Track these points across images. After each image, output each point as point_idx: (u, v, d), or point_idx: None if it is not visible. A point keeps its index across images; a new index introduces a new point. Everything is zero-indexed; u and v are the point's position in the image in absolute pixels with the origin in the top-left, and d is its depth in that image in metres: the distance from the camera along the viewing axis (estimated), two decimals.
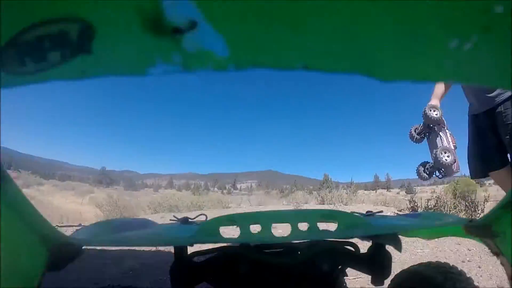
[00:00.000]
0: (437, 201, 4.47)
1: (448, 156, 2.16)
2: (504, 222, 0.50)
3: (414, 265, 0.80)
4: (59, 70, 0.28)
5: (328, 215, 0.79)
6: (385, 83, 0.24)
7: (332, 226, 0.78)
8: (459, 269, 0.70)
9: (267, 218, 0.78)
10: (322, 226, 0.78)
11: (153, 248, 2.32)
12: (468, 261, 2.03)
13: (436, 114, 2.24)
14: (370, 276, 0.80)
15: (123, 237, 0.67)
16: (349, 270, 0.88)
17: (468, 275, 0.67)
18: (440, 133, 2.28)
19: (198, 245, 1.13)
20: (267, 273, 0.78)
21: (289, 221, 0.78)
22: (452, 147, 2.24)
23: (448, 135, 2.28)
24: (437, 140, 2.27)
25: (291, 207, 6.34)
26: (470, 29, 0.23)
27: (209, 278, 0.80)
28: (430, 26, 0.23)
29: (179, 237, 0.73)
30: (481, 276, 1.77)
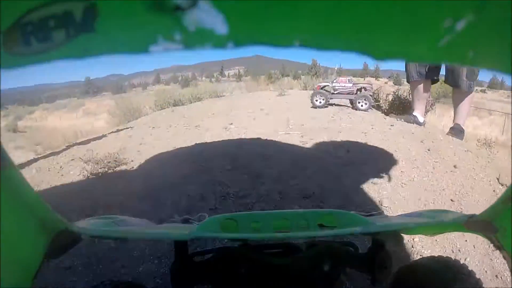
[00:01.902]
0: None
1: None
2: (504, 217, 0.50)
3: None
4: (63, 50, 0.29)
5: (328, 215, 0.79)
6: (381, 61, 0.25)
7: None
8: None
9: (267, 217, 0.78)
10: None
11: None
12: None
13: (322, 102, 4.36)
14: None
15: (124, 230, 0.67)
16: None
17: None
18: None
19: (198, 245, 1.15)
20: (266, 273, 0.77)
21: (289, 220, 0.78)
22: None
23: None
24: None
25: (277, 93, 7.17)
26: (463, 8, 0.24)
27: (210, 278, 0.80)
28: (425, 4, 0.23)
29: (179, 233, 0.73)
30: None
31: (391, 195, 1.76)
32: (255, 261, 0.76)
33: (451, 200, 1.70)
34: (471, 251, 1.25)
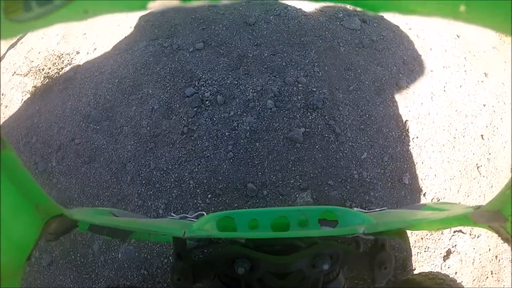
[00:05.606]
0: None
1: None
2: None
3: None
4: (63, 12, 0.29)
5: (329, 212, 0.78)
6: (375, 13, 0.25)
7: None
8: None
9: (266, 215, 0.77)
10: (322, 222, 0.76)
11: None
12: None
13: None
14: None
15: (120, 221, 0.65)
16: None
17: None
18: None
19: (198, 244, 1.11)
20: (266, 272, 0.75)
21: (289, 218, 0.76)
22: None
23: None
24: None
25: None
26: None
27: (210, 276, 0.77)
28: None
29: (177, 228, 0.71)
30: None
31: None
32: (253, 259, 0.74)
33: None
34: None
